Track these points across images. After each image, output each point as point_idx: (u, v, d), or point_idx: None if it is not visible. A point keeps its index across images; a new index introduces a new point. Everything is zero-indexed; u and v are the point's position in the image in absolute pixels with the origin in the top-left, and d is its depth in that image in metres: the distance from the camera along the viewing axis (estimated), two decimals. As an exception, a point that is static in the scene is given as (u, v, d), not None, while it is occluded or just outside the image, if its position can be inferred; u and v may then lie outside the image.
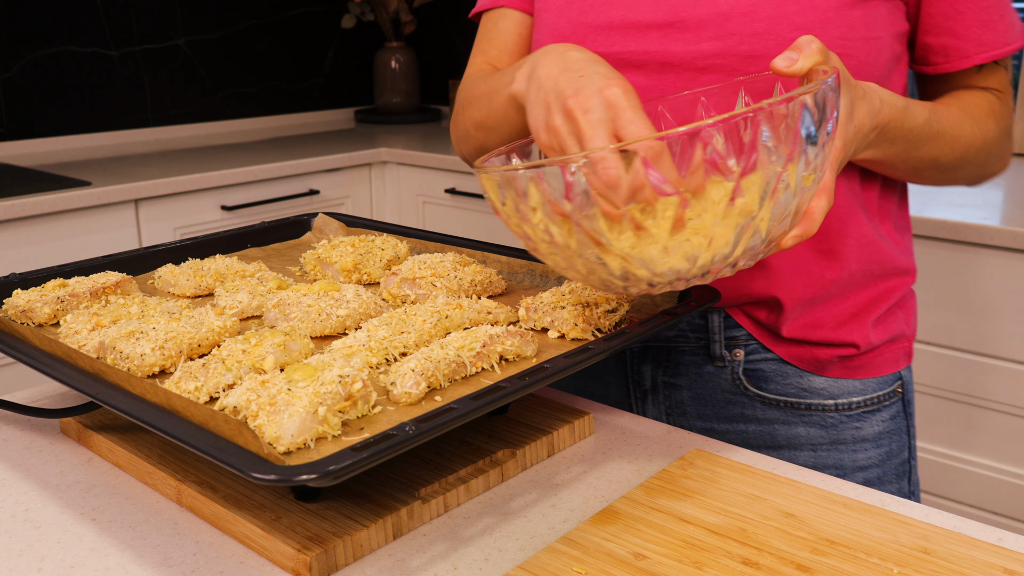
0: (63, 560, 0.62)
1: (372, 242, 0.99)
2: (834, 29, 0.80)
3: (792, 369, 0.92)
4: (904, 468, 0.96)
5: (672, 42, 0.84)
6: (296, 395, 0.60)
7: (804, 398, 0.92)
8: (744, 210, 0.58)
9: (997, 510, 1.83)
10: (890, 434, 0.94)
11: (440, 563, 0.61)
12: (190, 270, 0.93)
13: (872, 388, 0.93)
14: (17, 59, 2.50)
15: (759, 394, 0.93)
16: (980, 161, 0.89)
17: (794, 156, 0.58)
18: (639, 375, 0.98)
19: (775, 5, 0.80)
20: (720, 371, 0.94)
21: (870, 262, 0.90)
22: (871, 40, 0.82)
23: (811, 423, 0.92)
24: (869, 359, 0.92)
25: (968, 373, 1.80)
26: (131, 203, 2.16)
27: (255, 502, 0.65)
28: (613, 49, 0.87)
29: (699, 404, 0.96)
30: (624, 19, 0.86)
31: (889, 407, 0.94)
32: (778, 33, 0.80)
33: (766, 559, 0.58)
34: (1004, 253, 1.71)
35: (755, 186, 0.57)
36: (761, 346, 0.92)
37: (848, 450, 0.93)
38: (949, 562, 0.58)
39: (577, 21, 0.89)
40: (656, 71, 0.85)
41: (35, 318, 0.83)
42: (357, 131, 3.02)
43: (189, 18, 2.84)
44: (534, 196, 0.60)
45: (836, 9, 0.80)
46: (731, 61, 0.82)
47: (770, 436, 0.93)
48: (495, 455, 0.72)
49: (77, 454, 0.76)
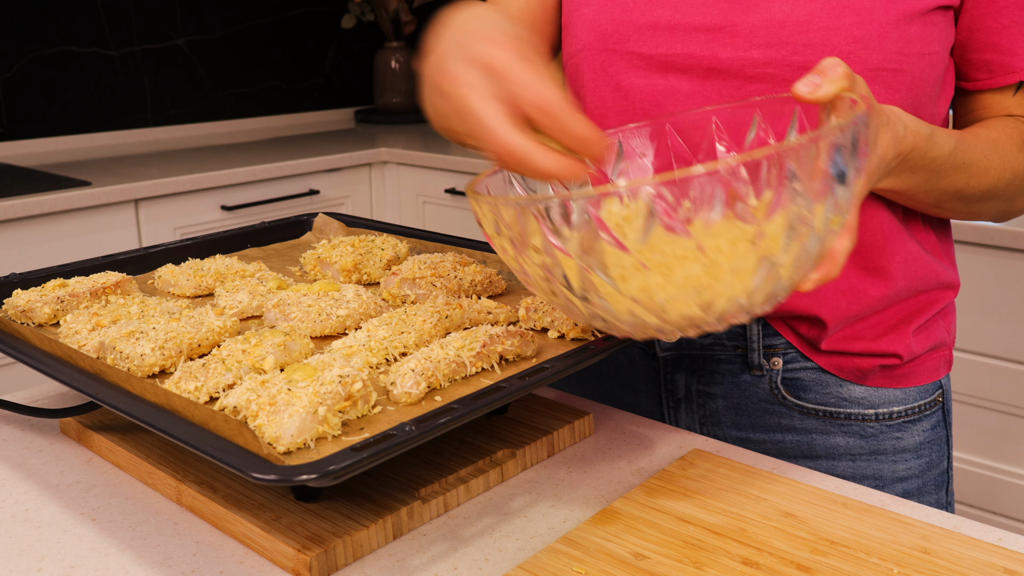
0: (63, 560, 0.62)
1: (372, 242, 0.99)
2: (892, 44, 0.77)
3: (832, 378, 0.89)
4: (942, 478, 0.93)
5: (720, 47, 0.80)
6: (296, 395, 0.60)
7: (844, 407, 0.89)
8: (765, 254, 0.53)
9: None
10: (930, 444, 0.91)
11: (440, 563, 0.61)
12: (190, 270, 0.93)
13: (913, 397, 0.90)
14: (17, 59, 2.50)
15: (797, 403, 0.90)
16: (1009, 195, 0.85)
17: (821, 197, 0.53)
18: (672, 384, 0.95)
19: (833, 16, 0.77)
20: (758, 380, 0.90)
21: (916, 278, 0.87)
22: (927, 55, 0.79)
23: (850, 433, 0.89)
24: (911, 368, 0.90)
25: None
26: (131, 203, 2.16)
27: (255, 502, 0.65)
28: (657, 51, 0.83)
29: (734, 413, 0.93)
30: (671, 19, 0.82)
31: (930, 416, 0.91)
32: (834, 45, 0.76)
33: (766, 559, 0.58)
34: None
35: (778, 229, 0.52)
36: (800, 355, 0.89)
37: (888, 460, 0.90)
38: (949, 562, 0.57)
39: (620, 18, 0.85)
40: (702, 76, 0.82)
41: (35, 318, 0.83)
42: (357, 131, 3.02)
43: (189, 18, 2.84)
44: (534, 232, 0.54)
45: (895, 23, 0.77)
46: (782, 71, 0.78)
47: (808, 446, 0.90)
48: (495, 455, 0.72)
49: (77, 454, 0.76)
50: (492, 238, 0.58)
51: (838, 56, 0.76)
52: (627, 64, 0.85)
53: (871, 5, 0.76)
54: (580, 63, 0.89)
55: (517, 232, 0.55)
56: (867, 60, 0.77)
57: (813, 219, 0.54)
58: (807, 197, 0.52)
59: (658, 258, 0.52)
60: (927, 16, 0.78)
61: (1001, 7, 0.81)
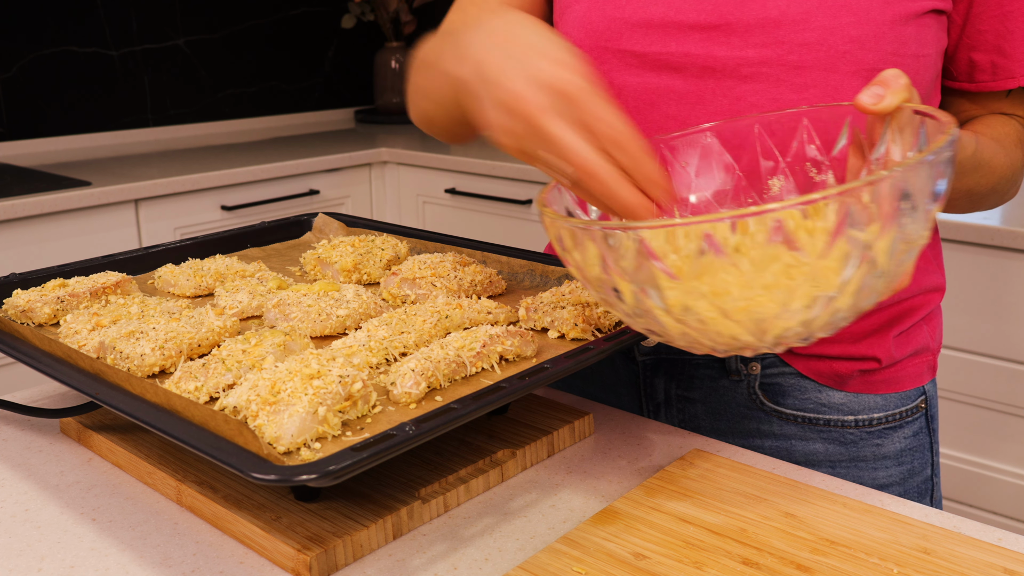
0: (63, 560, 0.62)
1: (372, 242, 0.99)
2: (888, 44, 0.77)
3: (811, 384, 0.88)
4: (926, 486, 0.92)
5: (716, 46, 0.79)
6: (296, 395, 0.60)
7: (823, 413, 0.88)
8: (871, 270, 0.52)
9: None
10: (912, 451, 0.90)
11: (440, 563, 0.61)
12: (190, 270, 0.93)
13: (894, 404, 0.89)
14: (17, 59, 2.50)
15: (776, 409, 0.89)
16: (1004, 190, 0.86)
17: (924, 214, 0.52)
18: (652, 388, 0.94)
19: (830, 15, 0.76)
20: (735, 385, 0.90)
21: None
22: (921, 57, 0.79)
23: (830, 439, 0.89)
24: (891, 374, 0.89)
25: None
26: (131, 203, 2.16)
27: (255, 502, 0.65)
28: (651, 49, 0.82)
29: (713, 418, 0.92)
30: (665, 17, 0.81)
31: (912, 423, 0.90)
32: (830, 45, 0.76)
33: (766, 559, 0.58)
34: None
35: (885, 246, 0.51)
36: (778, 360, 0.88)
37: (868, 468, 0.89)
38: (949, 562, 0.57)
39: (612, 16, 0.83)
40: (696, 76, 0.81)
41: (35, 318, 0.83)
42: (357, 131, 3.02)
43: (189, 18, 2.84)
44: (591, 252, 0.54)
45: (891, 24, 0.76)
46: (777, 71, 0.78)
47: (787, 452, 0.90)
48: (495, 455, 0.72)
49: (77, 454, 0.76)
50: (567, 253, 0.58)
51: (834, 56, 0.76)
52: (620, 62, 0.84)
53: (868, 5, 0.76)
54: None
55: (609, 252, 0.54)
56: (863, 60, 0.76)
57: (912, 235, 0.53)
58: (914, 215, 0.51)
59: (768, 278, 0.51)
60: (921, 18, 0.79)
61: (1008, 11, 0.82)
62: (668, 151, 0.72)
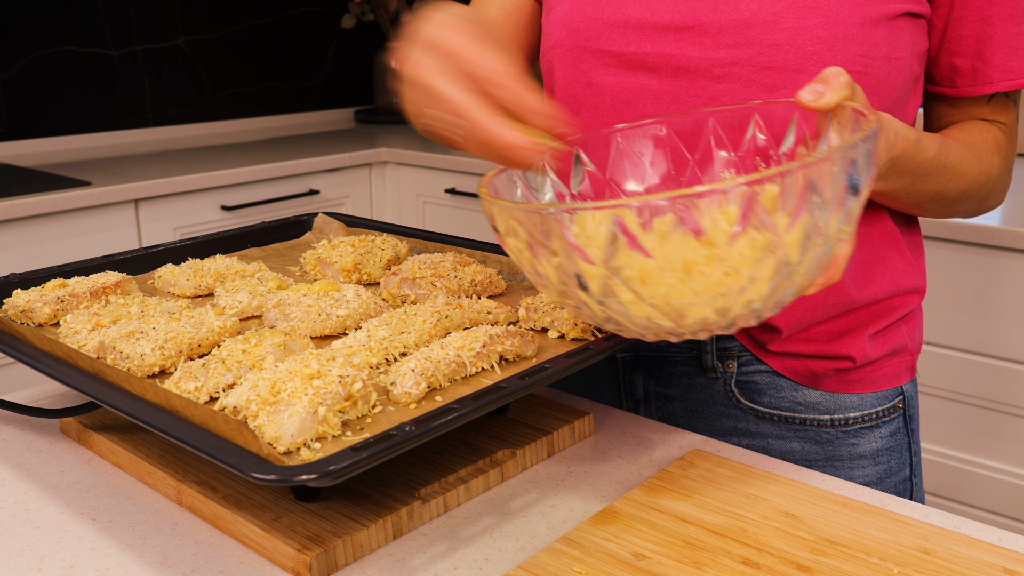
0: (63, 560, 0.62)
1: (372, 242, 0.99)
2: (857, 47, 0.77)
3: (786, 382, 0.89)
4: (905, 486, 0.93)
5: (689, 46, 0.81)
6: (296, 395, 0.60)
7: (799, 412, 0.89)
8: (783, 261, 0.54)
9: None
10: (889, 451, 0.91)
11: (440, 563, 0.61)
12: (190, 270, 0.93)
13: (871, 403, 0.89)
14: (17, 59, 2.50)
15: (752, 407, 0.90)
16: (982, 196, 0.86)
17: (837, 208, 0.54)
18: (631, 385, 0.95)
19: (799, 17, 0.77)
20: (712, 382, 0.91)
21: (875, 285, 0.87)
22: (892, 60, 0.79)
23: (806, 438, 0.89)
24: (867, 373, 0.89)
25: (975, 374, 1.79)
26: (131, 203, 2.16)
27: (255, 502, 0.65)
28: (628, 48, 0.83)
29: (691, 416, 0.93)
30: (640, 18, 0.83)
31: (889, 423, 0.90)
32: (799, 46, 0.77)
33: (766, 559, 0.58)
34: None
35: (796, 238, 0.53)
36: (755, 358, 0.89)
37: (844, 467, 0.89)
38: (949, 562, 0.58)
39: (592, 16, 0.85)
40: (670, 76, 0.82)
41: (35, 318, 0.83)
42: (357, 131, 3.02)
43: (189, 18, 2.84)
44: (556, 239, 0.54)
45: (860, 26, 0.77)
46: (748, 71, 0.79)
47: (763, 451, 0.90)
48: (495, 455, 0.72)
49: (77, 454, 0.76)
50: (504, 237, 0.58)
51: (802, 57, 0.77)
52: (598, 61, 0.85)
53: (837, 7, 0.77)
54: (552, 59, 0.89)
55: (536, 235, 0.55)
56: (831, 62, 0.77)
57: (828, 229, 0.54)
58: (825, 208, 0.53)
59: (679, 264, 0.53)
60: (894, 21, 0.79)
61: (988, 16, 0.82)
62: (623, 141, 0.73)
